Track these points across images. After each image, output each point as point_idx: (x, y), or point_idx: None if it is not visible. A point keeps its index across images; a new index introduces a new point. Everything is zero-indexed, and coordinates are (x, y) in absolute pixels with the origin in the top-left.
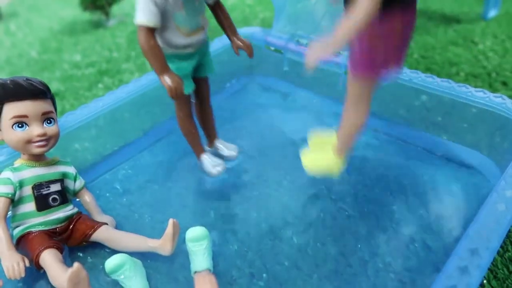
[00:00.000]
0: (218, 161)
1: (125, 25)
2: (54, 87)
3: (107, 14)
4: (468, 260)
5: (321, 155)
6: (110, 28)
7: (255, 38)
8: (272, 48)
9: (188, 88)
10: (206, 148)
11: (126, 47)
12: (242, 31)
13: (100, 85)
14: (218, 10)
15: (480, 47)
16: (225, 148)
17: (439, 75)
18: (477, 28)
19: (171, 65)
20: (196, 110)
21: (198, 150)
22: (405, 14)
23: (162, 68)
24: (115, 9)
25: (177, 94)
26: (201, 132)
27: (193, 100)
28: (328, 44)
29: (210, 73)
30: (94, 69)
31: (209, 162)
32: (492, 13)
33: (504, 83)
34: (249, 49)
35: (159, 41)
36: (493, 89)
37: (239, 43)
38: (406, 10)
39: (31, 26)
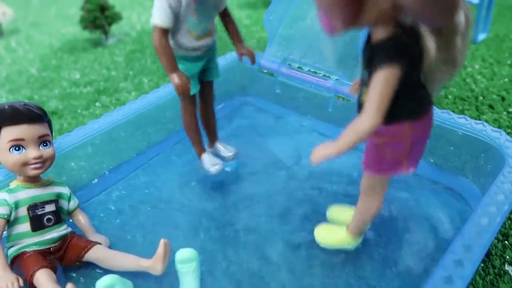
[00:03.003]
0: (216, 160)
1: (123, 43)
2: (52, 105)
3: (106, 33)
4: (452, 270)
5: (335, 232)
6: (109, 46)
7: (249, 61)
8: (265, 71)
9: (194, 88)
10: (207, 148)
11: (124, 66)
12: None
13: (97, 104)
14: (226, 17)
15: (469, 70)
16: (224, 149)
17: None
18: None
19: (180, 66)
20: (200, 112)
21: (199, 149)
22: (416, 122)
23: (172, 67)
24: (114, 28)
25: (183, 92)
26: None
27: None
28: (333, 148)
29: (215, 78)
30: (92, 88)
31: (208, 161)
32: (482, 36)
33: (491, 106)
34: (252, 56)
35: (171, 43)
36: (480, 112)
37: (243, 50)
38: (417, 120)
39: (32, 43)
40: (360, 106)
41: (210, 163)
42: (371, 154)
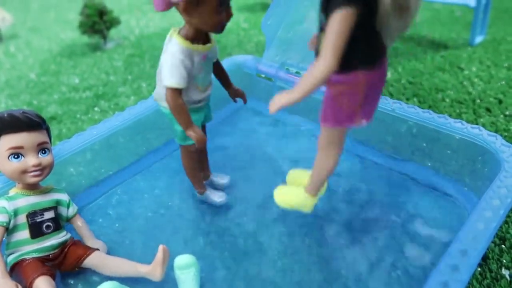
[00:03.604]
0: (220, 193)
1: (122, 48)
2: (51, 110)
3: (104, 37)
4: (449, 275)
5: (293, 192)
6: (108, 51)
7: (247, 66)
8: (263, 76)
9: None
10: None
11: (123, 71)
12: (236, 58)
13: (96, 109)
14: (218, 66)
15: (466, 73)
16: (218, 178)
17: (425, 101)
18: (464, 54)
19: None
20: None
21: (201, 188)
22: (370, 72)
23: (189, 123)
24: (113, 32)
25: (203, 145)
26: None
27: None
28: (290, 96)
29: (209, 121)
30: (91, 93)
31: (213, 195)
32: (479, 39)
33: (488, 109)
34: (244, 96)
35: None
36: (477, 115)
37: (236, 92)
38: (371, 69)
39: (31, 48)
40: (317, 54)
41: (215, 196)
42: (328, 107)
